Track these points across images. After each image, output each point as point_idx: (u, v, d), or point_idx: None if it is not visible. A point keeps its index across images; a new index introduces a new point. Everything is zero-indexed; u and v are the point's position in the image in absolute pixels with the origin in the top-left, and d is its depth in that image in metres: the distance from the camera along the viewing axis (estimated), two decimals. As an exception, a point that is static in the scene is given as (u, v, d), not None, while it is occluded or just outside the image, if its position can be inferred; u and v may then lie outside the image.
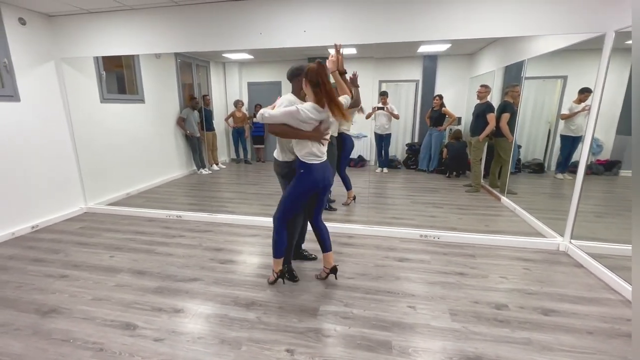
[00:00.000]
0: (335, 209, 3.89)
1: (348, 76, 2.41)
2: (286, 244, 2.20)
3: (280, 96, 2.11)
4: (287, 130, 1.92)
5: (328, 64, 2.06)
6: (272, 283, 2.25)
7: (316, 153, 1.98)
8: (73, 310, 1.98)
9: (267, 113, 1.88)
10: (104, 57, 3.94)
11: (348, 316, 1.92)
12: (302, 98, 2.04)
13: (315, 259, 2.61)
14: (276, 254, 2.18)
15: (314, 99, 1.89)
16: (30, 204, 3.26)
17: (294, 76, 2.08)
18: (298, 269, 2.41)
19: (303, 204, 2.14)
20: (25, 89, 3.18)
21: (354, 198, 4.07)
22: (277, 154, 2.20)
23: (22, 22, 3.12)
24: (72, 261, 2.62)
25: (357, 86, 2.51)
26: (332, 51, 2.15)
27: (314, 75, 1.84)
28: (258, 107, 6.71)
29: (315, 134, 1.94)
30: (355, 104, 2.25)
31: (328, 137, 2.03)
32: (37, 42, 3.27)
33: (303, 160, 1.98)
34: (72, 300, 2.08)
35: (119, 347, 1.67)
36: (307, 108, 1.87)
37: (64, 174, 3.63)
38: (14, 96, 3.08)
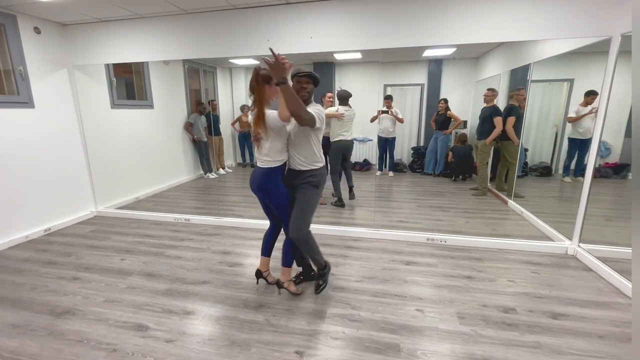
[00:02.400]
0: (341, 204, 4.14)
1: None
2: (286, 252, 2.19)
3: None
4: None
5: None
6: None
7: (256, 157, 2.06)
8: (86, 311, 2.02)
9: None
10: (114, 64, 4.03)
11: (356, 319, 1.93)
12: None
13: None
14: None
15: None
16: (43, 207, 3.33)
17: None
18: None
19: (261, 204, 2.20)
20: (40, 96, 3.27)
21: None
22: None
23: (38, 31, 3.21)
24: (84, 264, 2.67)
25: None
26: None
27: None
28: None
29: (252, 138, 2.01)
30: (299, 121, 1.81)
31: (260, 141, 1.97)
32: (51, 50, 3.37)
33: None
34: (85, 302, 2.12)
35: (131, 348, 1.70)
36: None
37: (76, 178, 3.71)
38: (28, 103, 3.17)
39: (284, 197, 2.03)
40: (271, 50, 1.67)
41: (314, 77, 1.98)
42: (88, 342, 1.75)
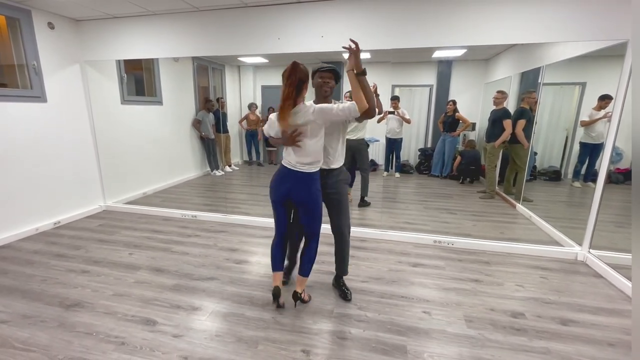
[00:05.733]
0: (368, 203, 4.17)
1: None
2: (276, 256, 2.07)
3: None
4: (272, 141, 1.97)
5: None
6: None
7: (289, 160, 1.87)
8: (95, 304, 2.04)
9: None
10: (125, 60, 4.06)
11: (362, 319, 1.93)
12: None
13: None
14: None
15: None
16: (53, 200, 3.37)
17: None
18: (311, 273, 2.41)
19: (277, 212, 2.00)
20: (52, 91, 3.31)
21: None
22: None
23: (51, 26, 3.25)
24: (92, 257, 2.70)
25: (377, 95, 2.48)
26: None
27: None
28: (271, 110, 6.79)
29: (283, 140, 1.84)
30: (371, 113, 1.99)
31: (300, 143, 1.79)
32: (64, 46, 3.41)
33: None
34: (94, 295, 2.14)
35: (139, 342, 1.72)
36: (272, 115, 1.90)
37: (85, 173, 3.75)
38: (41, 97, 3.21)
39: (320, 202, 1.95)
40: (352, 40, 1.75)
41: (337, 73, 1.94)
42: (97, 334, 1.77)
